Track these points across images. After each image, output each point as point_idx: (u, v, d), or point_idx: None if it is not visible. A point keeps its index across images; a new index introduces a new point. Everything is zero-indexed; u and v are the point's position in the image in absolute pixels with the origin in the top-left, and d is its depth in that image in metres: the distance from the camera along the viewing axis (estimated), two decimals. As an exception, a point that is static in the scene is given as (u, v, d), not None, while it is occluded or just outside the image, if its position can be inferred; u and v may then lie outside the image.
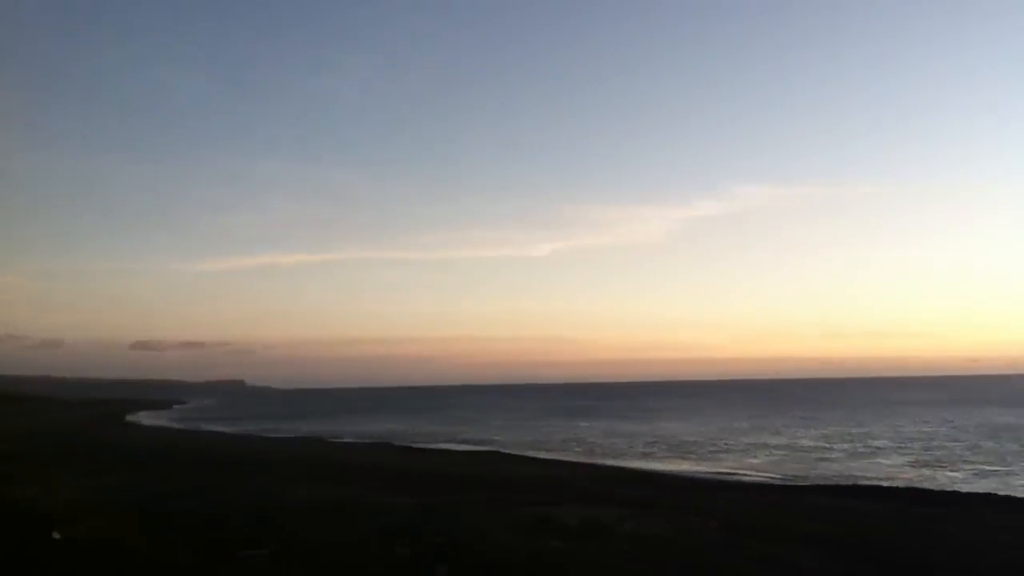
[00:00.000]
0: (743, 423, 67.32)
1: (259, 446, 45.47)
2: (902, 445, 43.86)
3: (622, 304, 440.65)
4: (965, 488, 25.69)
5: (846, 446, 44.21)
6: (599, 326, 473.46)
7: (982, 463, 34.71)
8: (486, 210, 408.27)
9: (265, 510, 16.27)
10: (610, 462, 36.71)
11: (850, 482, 27.95)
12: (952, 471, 32.44)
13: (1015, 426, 56.74)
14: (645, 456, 40.62)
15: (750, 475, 32.07)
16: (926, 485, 27.04)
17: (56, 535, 12.83)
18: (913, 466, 34.71)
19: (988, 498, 22.29)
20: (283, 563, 11.33)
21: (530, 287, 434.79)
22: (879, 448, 42.69)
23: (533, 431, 62.18)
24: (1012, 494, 23.88)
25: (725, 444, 46.61)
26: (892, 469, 33.74)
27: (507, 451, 42.88)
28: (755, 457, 39.51)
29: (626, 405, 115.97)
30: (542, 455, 40.50)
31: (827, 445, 45.03)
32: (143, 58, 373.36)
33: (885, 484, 27.22)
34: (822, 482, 28.25)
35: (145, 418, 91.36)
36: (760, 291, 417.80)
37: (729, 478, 30.69)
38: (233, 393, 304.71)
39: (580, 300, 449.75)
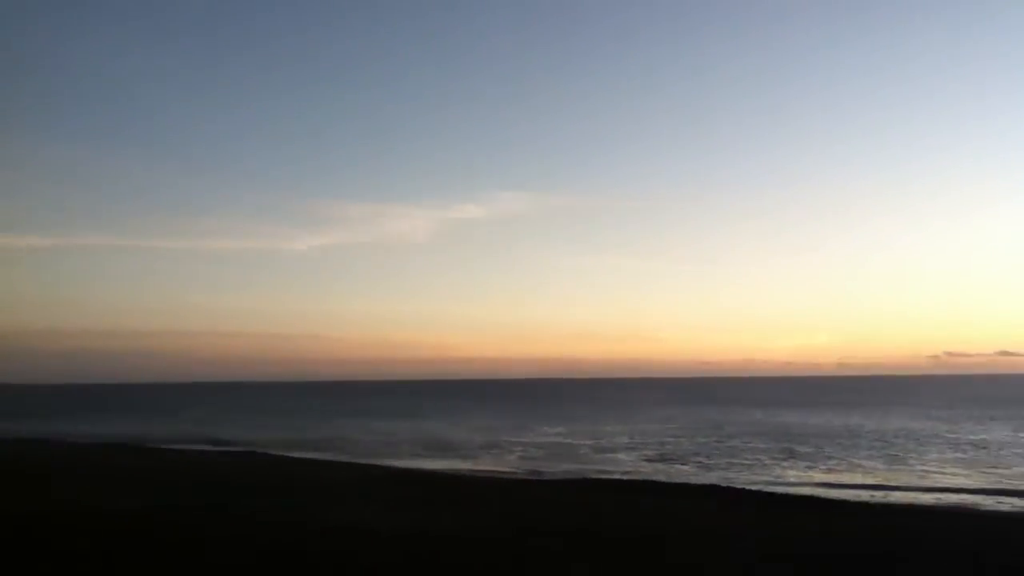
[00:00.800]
0: (499, 421, 69.81)
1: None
2: (639, 441, 47.64)
3: (384, 302, 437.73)
4: (694, 480, 28.48)
5: (591, 443, 47.26)
6: (361, 324, 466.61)
7: (705, 458, 38.58)
8: (241, 200, 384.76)
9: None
10: (377, 461, 36.54)
11: (596, 476, 30.04)
12: (682, 465, 35.85)
13: (733, 423, 63.55)
14: (412, 456, 40.89)
15: (510, 472, 33.42)
16: (660, 478, 29.70)
17: None
18: (649, 460, 37.96)
19: (713, 488, 24.85)
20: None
21: (289, 283, 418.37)
22: (620, 444, 46.11)
23: (292, 430, 60.60)
24: (732, 485, 26.83)
25: (485, 442, 48.13)
26: (630, 464, 36.66)
27: (266, 451, 41.41)
28: (511, 454, 41.29)
29: (387, 404, 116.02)
30: (308, 455, 39.54)
31: (575, 442, 47.87)
32: None
33: (626, 478, 29.57)
34: (573, 477, 30.09)
35: None
36: (518, 294, 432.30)
37: (493, 475, 31.75)
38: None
39: (341, 297, 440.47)
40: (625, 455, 40.52)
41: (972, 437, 47.82)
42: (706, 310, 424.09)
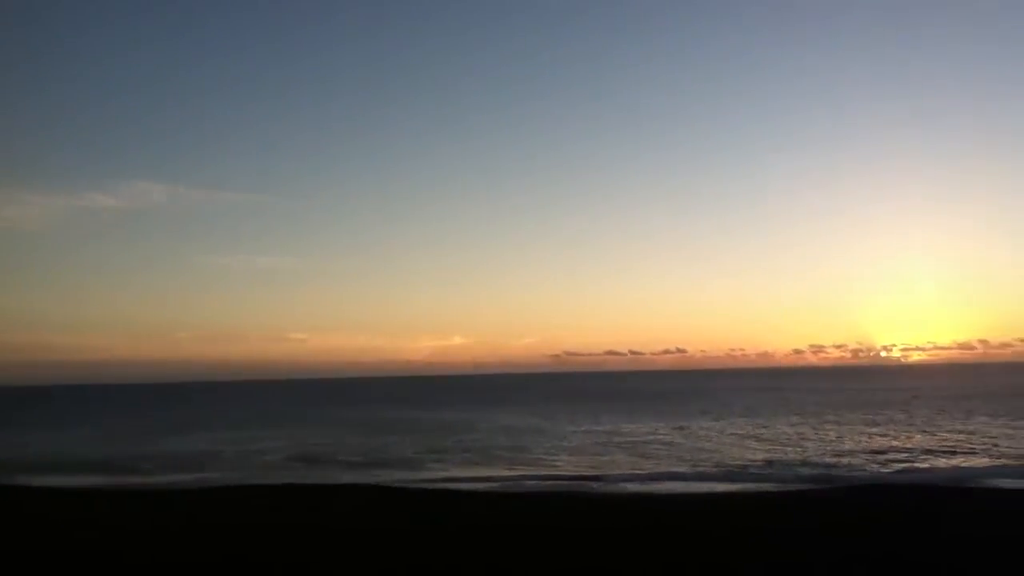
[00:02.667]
0: (124, 431, 64.95)
1: None
2: (286, 444, 47.27)
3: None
4: (344, 480, 29.30)
5: (236, 448, 45.99)
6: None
7: (351, 456, 39.69)
8: None
9: None
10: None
11: (251, 482, 29.44)
12: (328, 465, 36.50)
13: (378, 421, 65.57)
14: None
15: (145, 484, 31.50)
16: (310, 480, 30.07)
17: None
18: (295, 462, 38.15)
19: (354, 487, 25.78)
20: None
21: None
22: (266, 448, 45.39)
23: None
24: (379, 483, 28.03)
25: (109, 455, 44.52)
26: (278, 466, 36.48)
27: None
28: (143, 464, 38.78)
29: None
30: None
31: (220, 448, 46.20)
32: None
33: (268, 483, 29.27)
34: (222, 484, 29.21)
35: None
36: (153, 292, 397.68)
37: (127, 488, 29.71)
38: None
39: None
40: (271, 458, 40.14)
41: (572, 429, 54.30)
42: (349, 311, 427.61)
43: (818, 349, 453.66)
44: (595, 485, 28.24)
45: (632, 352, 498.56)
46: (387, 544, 14.12)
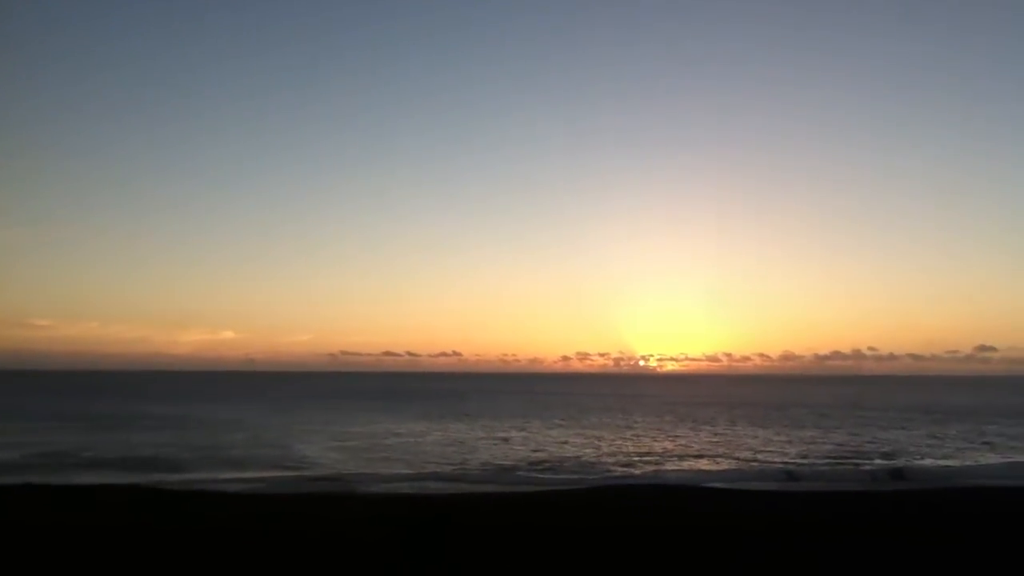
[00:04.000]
0: None
1: None
2: (19, 440, 43.39)
3: None
4: (91, 481, 27.38)
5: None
6: None
7: (105, 455, 37.14)
8: None
9: None
10: None
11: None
12: (77, 465, 33.93)
13: (136, 417, 61.51)
14: None
15: None
16: (53, 481, 27.84)
17: None
18: (33, 459, 35.16)
19: (111, 487, 24.32)
20: None
21: None
22: (3, 444, 41.46)
23: None
24: (140, 483, 26.48)
25: None
26: (15, 467, 33.43)
27: None
28: None
29: None
30: None
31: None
32: None
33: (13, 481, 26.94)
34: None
35: None
36: None
37: None
38: None
39: None
40: (4, 456, 36.64)
41: (341, 429, 54.11)
42: (105, 297, 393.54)
43: (584, 356, 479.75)
44: (357, 485, 28.32)
45: (409, 353, 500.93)
46: (139, 548, 13.55)
